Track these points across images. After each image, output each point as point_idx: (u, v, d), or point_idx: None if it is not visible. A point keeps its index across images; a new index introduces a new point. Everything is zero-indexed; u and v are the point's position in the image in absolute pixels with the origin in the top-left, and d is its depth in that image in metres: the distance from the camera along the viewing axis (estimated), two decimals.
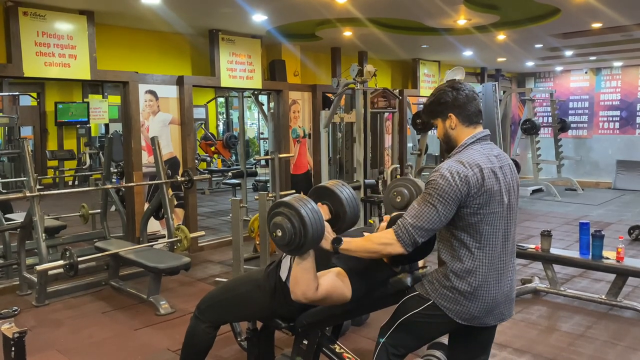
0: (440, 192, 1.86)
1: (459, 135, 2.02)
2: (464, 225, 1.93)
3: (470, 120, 2.01)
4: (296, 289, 2.02)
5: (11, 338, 2.11)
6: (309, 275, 2.00)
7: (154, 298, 4.09)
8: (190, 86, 5.87)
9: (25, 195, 4.17)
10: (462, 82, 2.07)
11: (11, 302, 4.22)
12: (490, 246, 1.94)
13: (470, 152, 1.96)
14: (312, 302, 2.07)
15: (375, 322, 3.67)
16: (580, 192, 10.08)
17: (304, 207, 1.93)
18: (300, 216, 1.92)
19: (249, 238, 5.46)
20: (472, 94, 2.02)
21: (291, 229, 1.92)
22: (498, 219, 1.94)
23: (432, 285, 2.01)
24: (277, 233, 1.96)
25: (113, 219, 5.92)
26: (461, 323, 1.97)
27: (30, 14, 4.62)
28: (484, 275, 1.94)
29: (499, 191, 1.93)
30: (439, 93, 2.04)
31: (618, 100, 10.92)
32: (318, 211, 1.97)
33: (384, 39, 6.77)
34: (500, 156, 2.01)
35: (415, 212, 1.89)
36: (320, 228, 1.96)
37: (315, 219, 1.94)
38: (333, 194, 2.20)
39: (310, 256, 2.00)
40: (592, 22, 6.12)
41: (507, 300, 2.03)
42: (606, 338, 3.49)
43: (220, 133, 13.66)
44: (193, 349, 2.56)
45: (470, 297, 1.94)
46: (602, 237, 4.00)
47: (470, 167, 1.90)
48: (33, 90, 10.70)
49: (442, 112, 2.03)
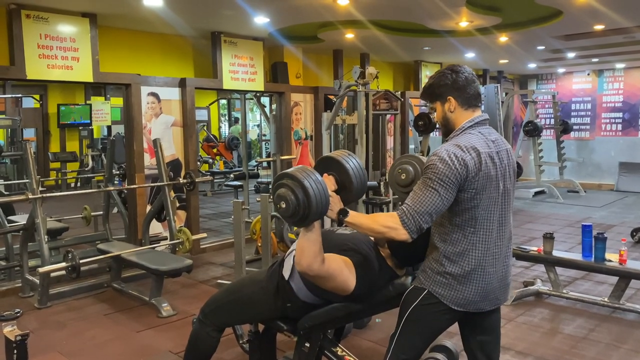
0: (440, 176, 1.85)
1: (458, 119, 2.01)
2: (459, 209, 1.92)
3: (469, 103, 2.00)
4: (302, 260, 2.01)
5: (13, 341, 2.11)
6: (315, 247, 2.00)
7: (156, 300, 4.09)
8: (193, 88, 5.88)
9: (27, 197, 4.17)
10: (462, 65, 2.05)
11: (14, 304, 4.23)
12: (485, 230, 1.93)
13: (468, 136, 1.95)
14: (316, 277, 2.06)
15: (377, 324, 3.67)
16: (583, 194, 10.05)
17: (307, 179, 1.91)
18: (304, 188, 1.90)
19: (251, 240, 5.46)
20: (471, 77, 2.00)
21: (294, 200, 1.91)
22: (493, 204, 1.94)
23: (425, 274, 2.01)
24: (281, 205, 1.95)
25: (115, 221, 5.93)
26: (456, 309, 1.96)
27: (33, 17, 4.64)
28: (478, 259, 1.94)
29: (495, 176, 1.93)
30: (438, 76, 2.03)
31: (620, 102, 10.89)
32: (322, 182, 1.95)
33: (386, 41, 6.78)
34: (497, 141, 2.00)
35: (418, 198, 1.87)
36: (325, 199, 1.95)
37: (319, 190, 1.92)
38: (339, 164, 2.14)
39: (317, 228, 1.99)
40: (595, 23, 6.11)
41: (503, 285, 2.03)
42: (609, 341, 3.48)
43: (223, 135, 13.69)
44: (197, 352, 2.55)
45: (464, 281, 1.94)
46: (605, 239, 3.98)
47: (468, 150, 1.89)
48: (36, 92, 10.73)
49: (441, 94, 2.02)
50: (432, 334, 2.08)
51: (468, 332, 2.12)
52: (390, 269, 2.23)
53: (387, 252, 2.23)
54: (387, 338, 2.03)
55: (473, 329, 2.09)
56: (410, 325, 2.03)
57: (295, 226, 2.06)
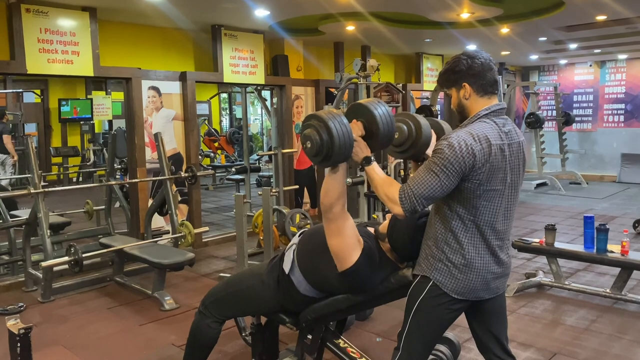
0: (444, 162, 1.84)
1: (473, 106, 1.97)
2: (461, 198, 1.91)
3: (485, 90, 1.96)
4: (325, 199, 2.08)
5: (17, 334, 2.11)
6: (339, 189, 2.07)
7: (158, 293, 4.10)
8: (193, 82, 5.87)
9: (29, 192, 4.18)
10: (479, 50, 2.01)
11: (17, 298, 4.24)
12: (485, 221, 1.92)
13: (482, 125, 1.91)
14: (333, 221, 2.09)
15: (379, 317, 3.67)
16: (585, 185, 10.04)
17: (332, 120, 1.97)
18: (328, 128, 1.96)
19: (253, 233, 5.47)
20: (488, 63, 1.95)
21: (319, 140, 1.97)
22: (499, 196, 1.92)
23: (427, 261, 2.00)
24: (307, 145, 2.02)
25: (117, 215, 5.94)
26: (458, 298, 1.95)
27: (33, 11, 4.62)
28: (478, 249, 1.93)
29: (503, 169, 1.91)
30: (454, 61, 1.99)
31: (623, 93, 10.85)
32: (347, 125, 2.00)
33: (387, 33, 6.74)
34: (510, 132, 1.96)
35: (418, 180, 1.87)
36: (349, 141, 1.99)
37: (343, 132, 1.97)
38: (367, 110, 2.12)
39: (341, 172, 2.07)
40: (597, 14, 6.07)
41: (503, 275, 2.03)
42: (611, 332, 3.48)
43: (224, 128, 13.67)
44: (198, 344, 2.57)
45: (464, 270, 1.93)
46: (607, 230, 3.98)
47: (479, 140, 1.86)
48: (37, 87, 10.73)
49: (456, 81, 1.98)
50: (440, 328, 2.07)
51: (474, 319, 2.12)
52: (391, 262, 2.23)
53: (387, 246, 2.23)
54: (389, 330, 2.04)
55: (479, 316, 2.10)
56: (417, 320, 2.02)
57: (320, 166, 2.16)
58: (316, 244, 2.29)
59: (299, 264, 2.35)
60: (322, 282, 2.31)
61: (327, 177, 2.08)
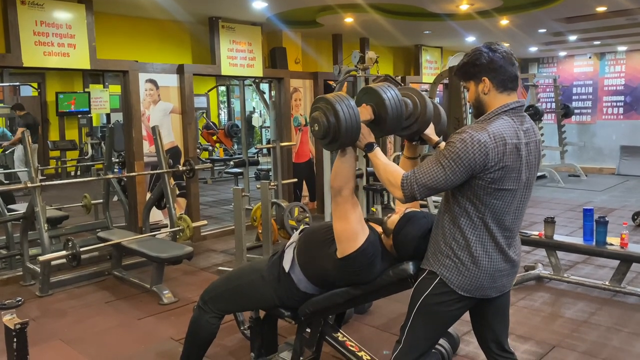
0: (453, 156, 1.80)
1: (492, 102, 1.90)
2: (471, 195, 1.87)
3: (505, 85, 1.88)
4: (334, 182, 2.11)
5: (13, 329, 2.10)
6: (348, 172, 2.10)
7: (157, 287, 4.10)
8: (191, 75, 5.83)
9: (27, 185, 4.16)
10: (501, 44, 1.94)
11: (15, 292, 4.23)
12: (494, 220, 1.89)
13: (500, 122, 1.84)
14: (342, 204, 2.10)
15: (378, 310, 3.67)
16: (584, 178, 10.03)
17: (339, 103, 1.98)
18: (335, 110, 1.97)
19: (252, 227, 5.45)
20: (510, 58, 1.88)
21: (325, 123, 1.99)
22: (510, 195, 1.88)
23: (435, 257, 1.98)
24: (314, 127, 2.05)
25: (115, 208, 5.92)
26: (464, 295, 1.93)
27: (29, 3, 4.58)
28: (485, 247, 1.90)
29: (518, 168, 1.86)
30: (474, 53, 1.91)
31: (622, 86, 10.82)
32: (354, 108, 2.00)
33: (386, 25, 6.70)
34: (528, 131, 1.91)
35: (424, 169, 1.85)
36: (356, 125, 2.00)
37: (350, 115, 1.98)
38: (376, 94, 2.09)
39: (350, 155, 2.09)
40: (597, 5, 6.04)
41: (511, 273, 2.01)
42: (610, 324, 3.48)
43: (222, 122, 13.63)
44: (197, 339, 2.56)
45: (472, 267, 1.91)
46: (606, 223, 3.97)
47: (495, 139, 1.80)
48: (34, 81, 10.67)
49: (475, 74, 1.91)
50: (444, 324, 2.06)
51: (477, 315, 2.11)
52: (391, 256, 2.21)
53: (389, 242, 2.21)
54: (388, 323, 2.03)
55: (482, 313, 2.08)
56: (422, 315, 2.00)
57: (328, 149, 2.19)
58: (316, 241, 2.29)
59: (299, 260, 2.34)
60: (321, 275, 2.30)
61: (337, 161, 2.11)
